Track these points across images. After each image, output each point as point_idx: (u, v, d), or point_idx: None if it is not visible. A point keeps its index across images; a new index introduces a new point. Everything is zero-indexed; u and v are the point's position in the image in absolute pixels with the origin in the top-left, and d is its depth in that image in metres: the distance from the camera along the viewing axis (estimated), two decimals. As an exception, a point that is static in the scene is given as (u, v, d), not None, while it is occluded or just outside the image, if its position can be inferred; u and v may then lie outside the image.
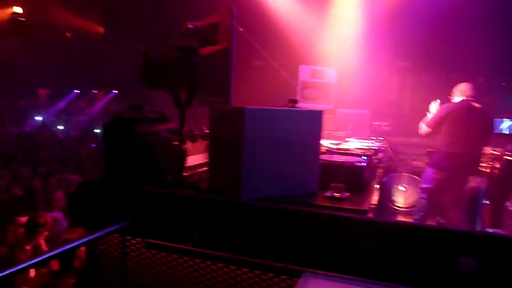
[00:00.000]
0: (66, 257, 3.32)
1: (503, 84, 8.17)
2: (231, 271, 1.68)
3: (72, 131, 14.72)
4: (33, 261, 1.49)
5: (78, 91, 16.63)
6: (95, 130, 13.45)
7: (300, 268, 1.42)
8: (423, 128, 4.76)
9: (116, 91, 15.04)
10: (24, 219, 4.45)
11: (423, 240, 1.42)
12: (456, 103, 4.55)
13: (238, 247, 1.69)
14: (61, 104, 17.18)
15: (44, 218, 4.31)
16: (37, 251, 4.06)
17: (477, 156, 4.41)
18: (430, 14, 6.26)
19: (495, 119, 6.47)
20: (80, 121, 16.76)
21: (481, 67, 7.16)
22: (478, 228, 4.10)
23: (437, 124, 4.55)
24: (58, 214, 5.07)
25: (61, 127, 15.96)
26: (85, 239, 1.72)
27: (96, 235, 1.75)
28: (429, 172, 4.67)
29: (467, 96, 4.48)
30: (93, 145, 10.28)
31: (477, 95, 4.45)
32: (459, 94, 4.56)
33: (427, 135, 4.79)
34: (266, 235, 1.70)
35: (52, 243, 4.16)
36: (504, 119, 6.52)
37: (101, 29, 11.15)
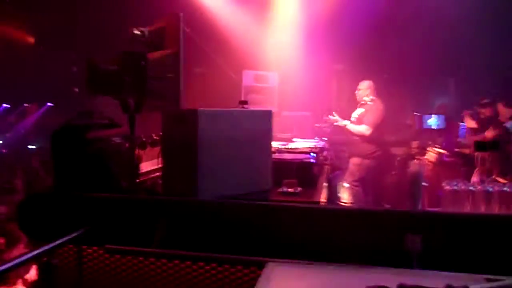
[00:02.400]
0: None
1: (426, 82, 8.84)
2: (196, 269, 1.70)
3: (3, 149, 13.71)
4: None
5: (8, 105, 15.54)
6: (30, 146, 12.63)
7: (263, 258, 1.48)
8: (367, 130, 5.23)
9: (51, 104, 14.24)
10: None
11: (373, 221, 1.54)
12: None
13: (200, 245, 1.72)
14: (-13, 120, 15.94)
15: None
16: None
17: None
18: (366, 17, 6.64)
19: (424, 115, 7.03)
20: (9, 138, 15.65)
21: (413, 68, 7.72)
22: (420, 207, 4.48)
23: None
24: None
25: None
26: (38, 251, 1.65)
27: (50, 246, 1.69)
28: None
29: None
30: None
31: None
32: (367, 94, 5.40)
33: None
34: (226, 232, 1.75)
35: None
36: (432, 115, 7.05)
37: (31, 39, 10.55)
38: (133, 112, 2.39)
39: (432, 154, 5.69)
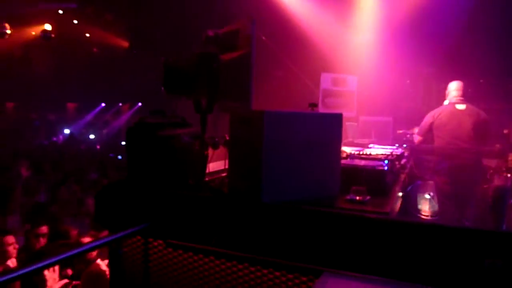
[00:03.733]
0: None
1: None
2: (253, 271, 1.68)
3: (97, 144, 15.08)
4: (56, 259, 1.53)
5: (104, 104, 17.09)
6: (123, 143, 13.77)
7: (321, 267, 1.41)
8: (415, 137, 4.77)
9: (140, 104, 15.37)
10: (44, 228, 4.48)
11: (448, 239, 1.39)
12: (438, 109, 4.55)
13: (259, 248, 1.69)
14: (88, 117, 17.69)
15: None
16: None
17: (472, 157, 4.30)
18: (454, 17, 6.16)
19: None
20: (105, 134, 17.18)
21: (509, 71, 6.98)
22: (503, 228, 3.97)
23: (424, 132, 4.58)
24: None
25: (92, 136, 16.41)
26: (107, 239, 1.76)
27: (118, 235, 1.79)
28: (438, 176, 4.64)
29: (450, 99, 4.45)
30: (119, 157, 10.49)
31: (463, 95, 4.38)
32: (447, 97, 4.55)
33: (419, 143, 4.77)
34: (286, 237, 1.70)
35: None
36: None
37: (125, 43, 11.47)
38: (205, 112, 2.46)
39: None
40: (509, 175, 4.55)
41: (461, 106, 4.42)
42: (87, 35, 11.66)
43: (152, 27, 9.20)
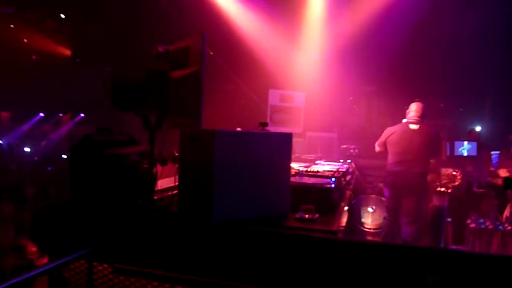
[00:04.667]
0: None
1: (461, 109, 8.60)
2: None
3: (35, 156, 14.17)
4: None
5: (43, 114, 16.15)
6: (63, 156, 13.03)
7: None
8: (376, 147, 5.04)
9: (83, 115, 14.72)
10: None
11: (389, 257, 1.45)
12: (394, 126, 4.87)
13: (210, 270, 1.67)
14: (25, 127, 16.60)
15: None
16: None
17: (418, 174, 4.60)
18: (396, 39, 6.56)
19: (456, 142, 6.77)
20: (43, 146, 16.20)
21: (444, 92, 7.53)
22: (441, 245, 4.22)
23: (381, 145, 4.85)
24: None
25: (28, 149, 15.38)
26: (49, 266, 1.65)
27: (59, 262, 1.69)
28: (384, 190, 4.90)
29: (408, 118, 4.77)
30: (48, 168, 9.92)
31: (420, 116, 4.70)
32: (406, 116, 4.87)
33: (378, 154, 5.06)
34: (237, 258, 1.70)
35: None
36: (464, 142, 6.81)
37: (68, 52, 10.99)
38: (154, 129, 2.41)
39: (462, 182, 5.47)
40: (443, 189, 4.87)
41: (414, 126, 4.69)
42: (25, 40, 11.04)
43: (97, 36, 8.91)
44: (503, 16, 6.43)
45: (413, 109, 4.80)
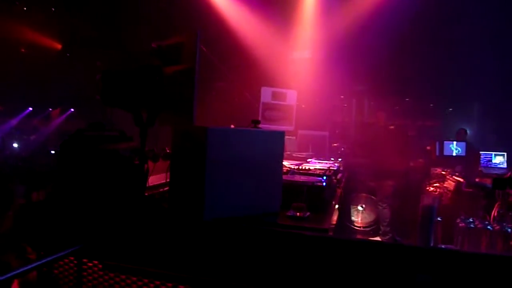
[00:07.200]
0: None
1: (450, 109, 8.69)
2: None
3: (23, 152, 13.97)
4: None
5: (32, 109, 15.93)
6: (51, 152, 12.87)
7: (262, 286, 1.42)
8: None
9: (73, 109, 14.56)
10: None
11: (380, 256, 1.46)
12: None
13: (201, 268, 1.67)
14: (13, 122, 16.36)
15: None
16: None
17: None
18: (387, 39, 6.60)
19: (445, 142, 6.84)
20: (32, 141, 15.97)
21: (434, 92, 7.61)
22: (431, 244, 4.27)
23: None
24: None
25: (16, 145, 15.15)
26: (38, 263, 1.64)
27: (49, 258, 1.68)
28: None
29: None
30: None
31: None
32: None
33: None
34: (228, 256, 1.70)
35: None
36: (453, 142, 6.86)
37: (58, 45, 10.84)
38: (146, 125, 2.39)
39: (451, 182, 5.53)
40: (431, 188, 4.92)
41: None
42: (14, 34, 10.86)
43: (88, 30, 8.81)
44: (491, 19, 6.52)
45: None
